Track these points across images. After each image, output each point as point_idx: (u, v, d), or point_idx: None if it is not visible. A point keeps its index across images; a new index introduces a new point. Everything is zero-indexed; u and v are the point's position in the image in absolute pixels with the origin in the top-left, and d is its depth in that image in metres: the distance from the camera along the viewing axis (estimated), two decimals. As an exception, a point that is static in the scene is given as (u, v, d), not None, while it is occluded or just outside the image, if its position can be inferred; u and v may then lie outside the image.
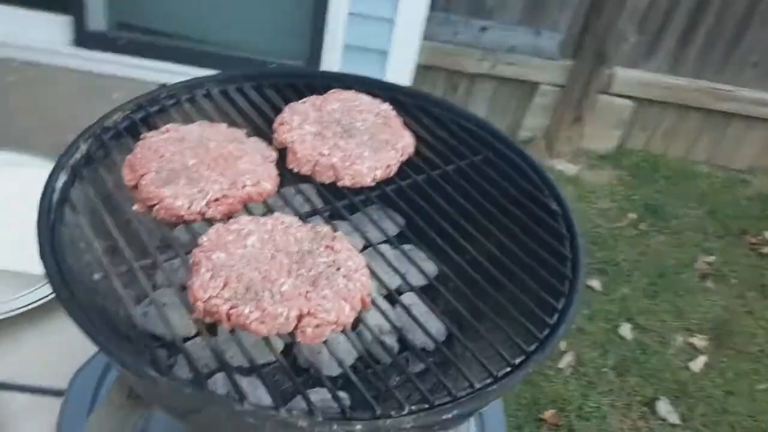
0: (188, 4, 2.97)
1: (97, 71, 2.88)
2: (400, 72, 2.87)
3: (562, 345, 2.53)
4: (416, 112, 0.94)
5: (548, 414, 2.29)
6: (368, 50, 2.84)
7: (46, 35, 2.89)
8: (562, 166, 3.49)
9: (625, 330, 2.65)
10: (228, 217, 0.75)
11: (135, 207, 0.75)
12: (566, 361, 2.48)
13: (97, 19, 2.90)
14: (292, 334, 0.66)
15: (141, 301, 0.86)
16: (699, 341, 2.67)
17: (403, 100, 0.95)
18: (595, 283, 2.82)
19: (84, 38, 2.88)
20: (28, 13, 2.88)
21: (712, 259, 3.07)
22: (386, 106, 0.91)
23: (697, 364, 2.57)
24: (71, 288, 0.66)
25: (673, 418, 2.36)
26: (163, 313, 0.66)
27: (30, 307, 1.06)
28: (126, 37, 2.89)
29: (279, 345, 0.79)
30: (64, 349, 1.05)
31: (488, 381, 0.65)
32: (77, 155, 0.79)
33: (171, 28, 2.96)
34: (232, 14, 2.98)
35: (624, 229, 3.16)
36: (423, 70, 3.35)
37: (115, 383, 0.75)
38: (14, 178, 1.25)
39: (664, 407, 2.39)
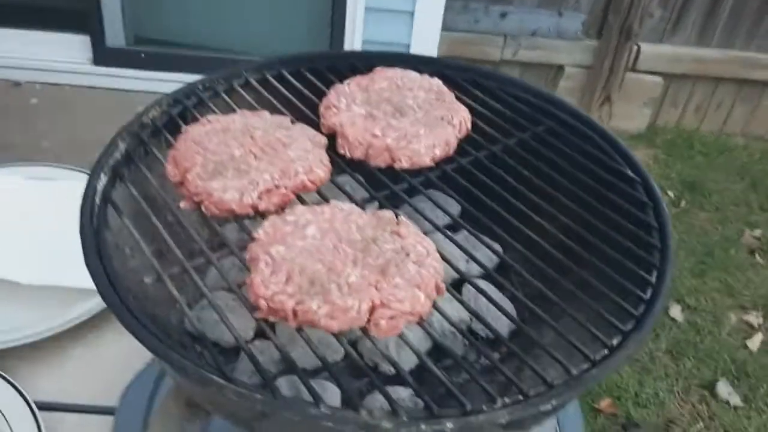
0: (204, 14, 2.94)
1: (119, 87, 2.86)
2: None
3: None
4: (467, 86, 0.88)
5: (604, 404, 2.20)
6: (388, 44, 2.79)
7: (66, 56, 2.88)
8: (594, 149, 3.40)
9: (676, 311, 2.56)
10: (281, 208, 0.70)
11: (182, 204, 0.69)
12: (618, 347, 2.39)
13: (115, 36, 2.87)
14: (364, 329, 0.60)
15: (191, 306, 0.81)
16: (754, 318, 2.56)
17: (451, 75, 0.89)
18: (640, 266, 2.73)
19: (103, 55, 2.86)
20: (45, 36, 2.87)
21: (758, 233, 2.96)
22: (437, 81, 0.85)
23: (755, 342, 2.47)
24: (120, 293, 0.61)
25: (735, 400, 2.26)
26: (223, 315, 0.61)
27: (72, 323, 1.01)
28: (145, 51, 2.87)
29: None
30: (110, 365, 1.01)
31: (585, 366, 0.59)
32: (116, 155, 0.74)
33: (189, 39, 2.93)
34: (249, 20, 2.95)
35: (664, 208, 3.06)
36: (445, 61, 3.28)
37: (171, 393, 0.69)
38: (46, 192, 1.21)
39: (724, 389, 2.29)
